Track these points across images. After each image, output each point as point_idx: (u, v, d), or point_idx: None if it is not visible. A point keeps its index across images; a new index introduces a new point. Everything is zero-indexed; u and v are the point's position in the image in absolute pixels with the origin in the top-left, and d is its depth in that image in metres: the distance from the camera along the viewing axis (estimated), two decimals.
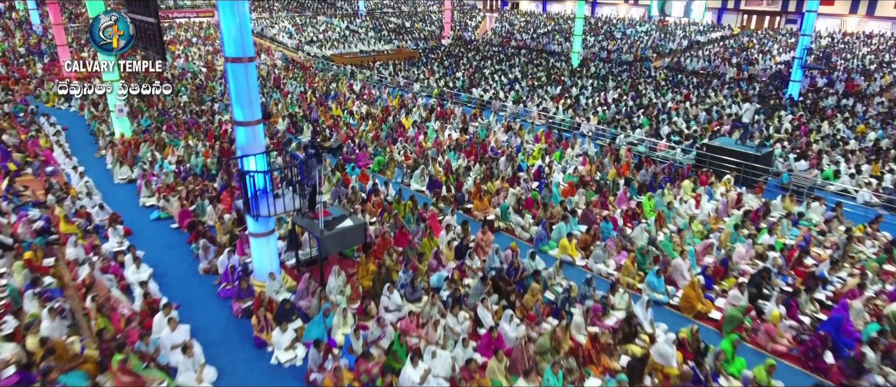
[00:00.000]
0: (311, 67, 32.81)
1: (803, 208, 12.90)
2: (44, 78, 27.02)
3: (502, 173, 14.61)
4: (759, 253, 10.78)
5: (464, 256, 10.54)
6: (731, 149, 15.25)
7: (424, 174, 14.68)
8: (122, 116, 18.08)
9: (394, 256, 10.32)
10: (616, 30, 42.12)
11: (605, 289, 9.51)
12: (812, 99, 24.36)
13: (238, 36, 8.19)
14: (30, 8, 36.45)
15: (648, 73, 30.79)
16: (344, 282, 9.53)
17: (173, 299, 9.54)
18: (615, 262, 10.68)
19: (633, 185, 14.03)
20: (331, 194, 13.42)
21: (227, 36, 8.18)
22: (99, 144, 18.08)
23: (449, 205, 13.33)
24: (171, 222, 12.65)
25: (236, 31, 8.17)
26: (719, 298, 9.65)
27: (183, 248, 11.52)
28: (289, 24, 43.67)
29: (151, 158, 15.74)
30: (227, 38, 8.19)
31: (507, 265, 10.17)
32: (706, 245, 10.85)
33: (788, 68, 28.74)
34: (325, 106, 22.64)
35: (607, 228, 11.68)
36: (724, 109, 22.06)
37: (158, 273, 10.44)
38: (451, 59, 35.19)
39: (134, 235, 12.01)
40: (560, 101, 23.40)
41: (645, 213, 12.66)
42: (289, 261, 10.69)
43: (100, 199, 13.53)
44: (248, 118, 8.57)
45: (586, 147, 17.15)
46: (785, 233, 11.86)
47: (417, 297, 9.35)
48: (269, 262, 9.59)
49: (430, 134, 18.61)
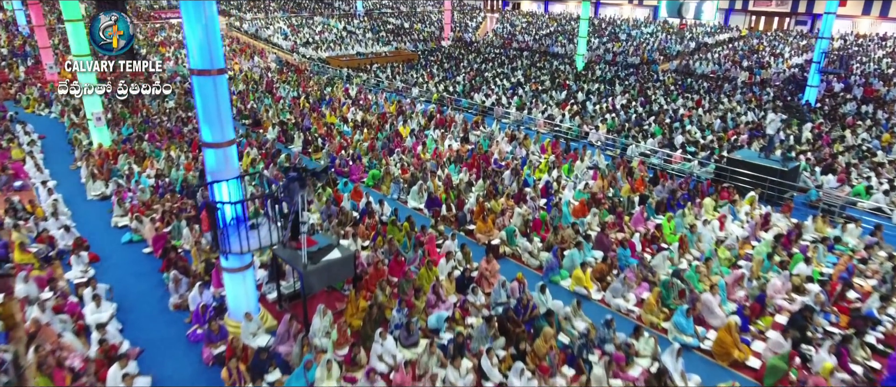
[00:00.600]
0: (305, 71, 31.66)
1: (838, 231, 11.74)
2: (26, 82, 25.86)
3: (507, 190, 13.46)
4: (796, 286, 9.65)
5: (466, 290, 9.41)
6: (753, 163, 14.10)
7: (422, 190, 13.53)
8: (101, 124, 16.93)
9: (387, 290, 9.18)
10: (620, 31, 40.97)
11: (627, 329, 8.37)
12: (830, 105, 23.21)
13: (205, 44, 7.05)
14: (16, 8, 35.24)
15: (656, 76, 29.64)
16: (330, 322, 8.39)
17: (137, 341, 8.43)
18: (636, 295, 9.55)
19: (650, 203, 12.88)
20: (320, 214, 12.28)
21: (193, 44, 7.03)
22: (75, 154, 16.93)
23: (449, 226, 12.20)
24: (143, 246, 11.50)
25: (203, 38, 7.03)
26: (756, 340, 8.52)
27: (154, 277, 10.37)
28: (284, 24, 42.51)
29: (128, 172, 14.59)
30: (193, 47, 7.05)
31: (514, 301, 9.03)
32: (737, 277, 9.70)
33: (803, 72, 27.64)
34: (319, 112, 21.49)
35: (625, 255, 10.54)
36: (739, 116, 20.92)
37: (124, 308, 9.32)
38: (451, 61, 34.03)
39: (101, 262, 10.89)
40: (566, 107, 22.24)
41: (665, 236, 11.51)
42: (270, 294, 9.55)
43: (67, 219, 12.40)
44: (217, 139, 7.42)
45: (596, 159, 16.00)
46: (821, 260, 10.72)
47: (414, 341, 8.20)
48: (246, 300, 8.44)
49: (429, 144, 17.46)
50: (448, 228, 12.03)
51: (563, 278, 10.20)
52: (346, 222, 11.77)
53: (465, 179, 14.45)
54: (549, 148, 17.27)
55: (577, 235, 11.22)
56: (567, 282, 10.10)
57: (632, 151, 17.07)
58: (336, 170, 15.59)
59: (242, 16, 45.90)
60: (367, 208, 12.34)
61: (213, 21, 7.03)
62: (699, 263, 10.22)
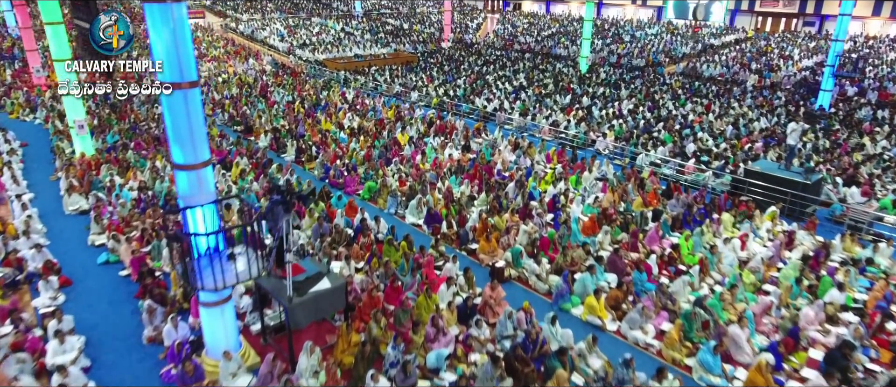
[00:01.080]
0: (301, 73, 30.81)
1: (869, 251, 10.90)
2: (11, 85, 25.02)
3: (512, 204, 12.62)
4: (830, 315, 8.81)
5: (469, 320, 8.58)
6: (773, 174, 13.26)
7: (422, 205, 12.70)
8: (83, 132, 16.08)
9: (383, 321, 8.34)
10: (624, 32, 40.13)
11: (646, 367, 7.53)
12: (844, 110, 22.37)
13: (174, 53, 6.21)
14: (5, 10, 34.40)
15: (662, 79, 28.80)
16: (318, 361, 7.56)
17: (104, 381, 7.61)
18: (654, 327, 8.71)
19: (665, 219, 12.05)
20: (311, 232, 11.45)
21: (160, 53, 6.20)
22: (55, 164, 16.09)
23: (450, 245, 11.37)
24: (120, 267, 10.67)
25: (171, 46, 6.19)
26: (790, 380, 7.69)
27: (130, 304, 9.53)
28: (281, 26, 41.65)
29: (109, 184, 13.75)
30: (160, 57, 6.21)
31: (522, 334, 8.20)
32: (765, 306, 8.87)
33: (814, 75, 26.82)
34: (314, 118, 20.64)
35: (641, 280, 9.70)
36: (751, 122, 20.08)
37: (94, 341, 8.50)
38: (451, 63, 33.18)
39: (74, 286, 10.06)
40: (571, 112, 21.40)
41: (683, 257, 10.68)
42: (253, 325, 8.72)
43: (41, 237, 11.57)
44: (190, 160, 6.58)
45: (605, 169, 15.15)
46: (853, 285, 9.89)
47: (411, 383, 7.37)
48: (225, 336, 7.61)
49: (428, 153, 16.62)
50: (449, 248, 11.20)
51: (575, 305, 9.37)
52: (339, 242, 10.95)
53: (466, 192, 13.62)
54: (555, 157, 16.43)
55: (589, 256, 10.40)
56: (579, 310, 9.27)
57: (641, 161, 16.24)
58: (330, 181, 14.77)
59: (238, 17, 45.06)
60: (361, 226, 11.51)
61: (183, 26, 6.19)
62: (723, 289, 9.39)
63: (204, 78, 28.60)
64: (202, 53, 34.08)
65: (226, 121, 21.07)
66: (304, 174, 15.68)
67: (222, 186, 13.90)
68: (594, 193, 13.78)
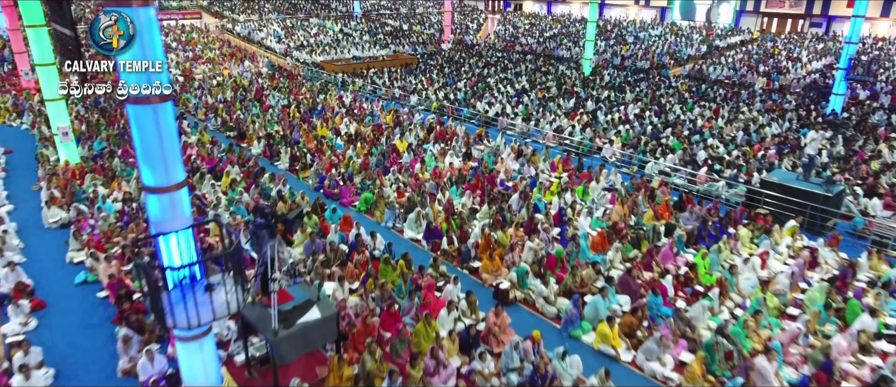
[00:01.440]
0: (298, 76, 30.12)
1: None
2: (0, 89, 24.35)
3: (516, 217, 11.93)
4: (862, 344, 8.13)
5: (471, 351, 7.91)
6: (791, 185, 12.57)
7: (421, 218, 12.01)
8: (68, 140, 15.39)
9: (378, 353, 7.66)
10: (627, 33, 39.43)
11: None
12: (857, 115, 21.67)
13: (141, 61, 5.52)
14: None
15: (668, 82, 28.09)
16: None
17: None
18: (673, 357, 8.03)
19: (680, 234, 11.36)
20: (303, 248, 10.77)
21: (124, 62, 5.51)
22: (38, 173, 15.40)
23: (451, 262, 10.70)
24: (99, 287, 9.99)
25: (140, 54, 5.51)
26: None
27: (106, 329, 8.86)
28: (278, 26, 40.95)
29: (93, 195, 13.07)
30: (124, 66, 5.53)
31: (530, 367, 7.52)
32: (793, 335, 8.18)
33: (824, 78, 26.14)
34: (310, 123, 19.95)
35: (657, 304, 9.02)
36: (762, 127, 19.38)
37: (65, 373, 7.86)
38: (451, 65, 32.48)
39: (47, 309, 9.39)
40: (575, 117, 20.70)
41: (700, 277, 9.99)
42: (238, 355, 8.04)
43: (16, 254, 10.90)
44: (161, 182, 5.88)
45: (613, 179, 14.46)
46: (884, 308, 9.20)
47: None
48: (204, 373, 6.90)
49: (428, 161, 15.94)
50: (450, 267, 10.52)
51: (586, 332, 8.69)
52: (332, 260, 10.26)
53: (468, 203, 12.94)
54: (560, 165, 15.74)
55: (599, 276, 9.73)
56: (590, 337, 8.59)
57: (650, 169, 15.54)
58: (325, 192, 14.09)
59: (235, 18, 44.37)
60: (356, 242, 10.82)
61: (151, 30, 5.51)
62: (745, 314, 8.71)
63: (197, 80, 27.91)
64: (196, 55, 33.40)
65: (218, 126, 20.38)
66: (297, 184, 14.99)
67: (212, 197, 13.23)
68: (602, 206, 13.10)
